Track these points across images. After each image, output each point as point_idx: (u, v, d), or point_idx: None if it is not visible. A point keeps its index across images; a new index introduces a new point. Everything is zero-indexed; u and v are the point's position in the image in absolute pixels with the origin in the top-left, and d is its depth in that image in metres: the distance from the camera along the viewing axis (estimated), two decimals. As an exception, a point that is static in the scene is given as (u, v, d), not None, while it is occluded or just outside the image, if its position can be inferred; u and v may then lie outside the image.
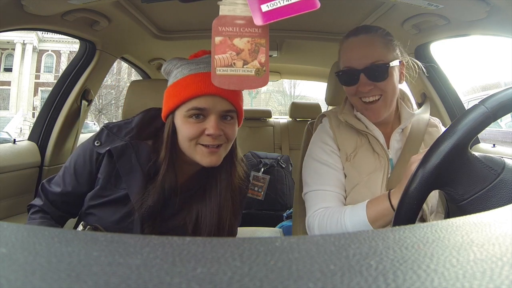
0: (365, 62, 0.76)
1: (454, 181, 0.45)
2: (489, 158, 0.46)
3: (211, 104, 0.66)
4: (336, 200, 0.79)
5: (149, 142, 0.73)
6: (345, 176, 0.82)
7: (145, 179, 0.70)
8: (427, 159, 0.44)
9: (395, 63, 0.78)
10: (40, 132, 1.37)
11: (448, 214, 0.49)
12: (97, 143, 0.72)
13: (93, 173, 0.73)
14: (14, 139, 1.30)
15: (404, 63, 0.83)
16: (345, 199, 0.81)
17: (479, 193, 0.44)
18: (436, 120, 0.90)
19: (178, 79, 0.68)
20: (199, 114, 0.66)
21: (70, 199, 0.75)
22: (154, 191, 0.69)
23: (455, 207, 0.46)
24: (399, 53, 0.81)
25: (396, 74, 0.79)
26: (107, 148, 0.70)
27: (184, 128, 0.67)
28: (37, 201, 0.77)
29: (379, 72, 0.76)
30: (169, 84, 0.71)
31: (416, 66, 0.87)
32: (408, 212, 0.46)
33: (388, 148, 0.84)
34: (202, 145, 0.67)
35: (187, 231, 0.73)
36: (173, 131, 0.70)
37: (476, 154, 0.46)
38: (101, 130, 0.74)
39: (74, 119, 1.44)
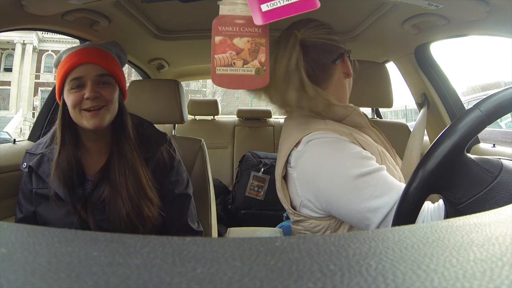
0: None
1: (451, 185, 0.45)
2: (486, 160, 0.46)
3: (84, 72, 0.76)
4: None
5: None
6: None
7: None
8: (424, 163, 0.44)
9: None
10: (40, 132, 1.37)
11: (447, 217, 0.49)
12: (24, 166, 0.83)
13: (31, 190, 0.83)
14: (14, 139, 1.30)
15: None
16: None
17: (476, 196, 0.44)
18: None
19: (61, 62, 0.79)
20: (79, 84, 0.76)
21: (31, 223, 0.83)
22: (52, 168, 0.77)
23: (453, 211, 0.46)
24: None
25: None
26: (28, 165, 0.81)
27: (69, 99, 0.76)
28: None
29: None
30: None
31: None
32: (408, 213, 0.46)
33: None
34: (85, 110, 0.76)
35: (110, 215, 0.78)
36: (66, 108, 0.79)
37: (473, 157, 0.46)
38: (25, 155, 0.86)
39: (74, 119, 1.44)
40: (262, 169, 1.90)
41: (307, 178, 0.68)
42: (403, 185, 0.58)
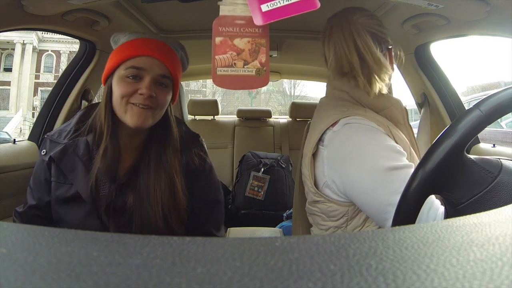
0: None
1: (451, 185, 0.45)
2: (486, 160, 0.46)
3: (148, 65, 0.69)
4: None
5: (89, 137, 0.74)
6: None
7: (88, 171, 0.71)
8: (424, 163, 0.44)
9: None
10: (40, 132, 1.37)
11: (447, 217, 0.49)
12: (43, 152, 0.76)
13: (48, 180, 0.75)
14: (14, 139, 1.30)
15: None
16: None
17: (476, 197, 0.44)
18: None
19: (123, 42, 0.73)
20: (136, 76, 0.69)
21: (40, 212, 0.77)
22: (97, 159, 0.71)
23: (453, 211, 0.46)
24: None
25: None
26: (49, 155, 0.73)
27: (119, 86, 0.69)
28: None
29: None
30: (113, 49, 0.76)
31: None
32: (408, 213, 0.46)
33: None
34: (133, 104, 0.69)
35: (134, 222, 0.72)
36: (111, 94, 0.72)
37: (473, 157, 0.46)
38: (44, 140, 0.78)
39: (74, 119, 1.44)
40: (262, 169, 1.91)
41: (337, 159, 0.69)
42: None
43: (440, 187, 0.45)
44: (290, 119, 2.47)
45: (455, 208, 0.46)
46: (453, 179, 0.45)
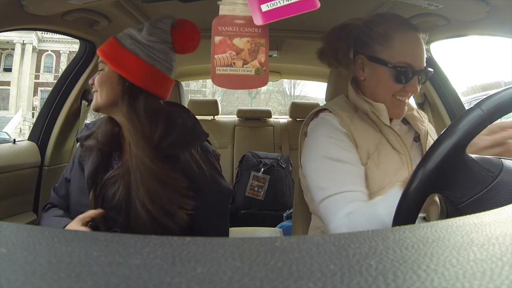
0: (422, 64, 0.75)
1: (451, 184, 0.45)
2: (487, 160, 0.46)
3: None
4: (363, 201, 0.68)
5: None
6: (367, 177, 0.73)
7: (100, 160, 0.78)
8: (425, 162, 0.44)
9: None
10: (40, 132, 1.37)
11: (447, 216, 0.49)
12: (79, 136, 0.85)
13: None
14: (14, 139, 1.30)
15: None
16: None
17: (476, 196, 0.44)
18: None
19: None
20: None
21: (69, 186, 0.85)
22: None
23: (454, 211, 0.46)
24: None
25: None
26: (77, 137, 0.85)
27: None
28: (50, 199, 0.88)
29: (425, 77, 0.76)
30: None
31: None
32: (408, 212, 0.46)
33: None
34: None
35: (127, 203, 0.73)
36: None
37: (473, 156, 0.46)
38: (84, 127, 0.90)
39: (74, 119, 1.44)
40: (262, 169, 1.91)
41: (305, 146, 0.80)
42: (356, 186, 0.70)
43: (440, 186, 0.45)
44: (290, 119, 2.47)
45: (455, 207, 0.46)
46: (454, 178, 0.45)
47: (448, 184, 0.45)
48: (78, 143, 0.85)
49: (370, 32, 0.77)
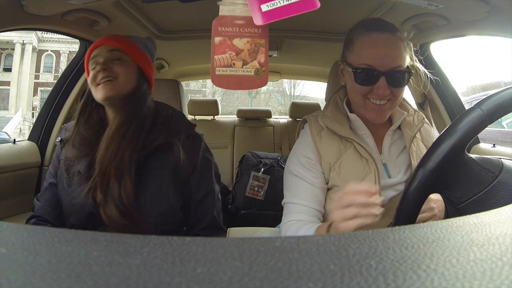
0: (388, 65, 0.71)
1: (451, 184, 0.45)
2: (487, 160, 0.46)
3: (98, 52, 0.83)
4: (309, 214, 0.80)
5: None
6: (330, 188, 0.79)
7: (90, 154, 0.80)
8: (425, 162, 0.44)
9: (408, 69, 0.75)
10: (40, 132, 1.37)
11: (447, 216, 0.49)
12: (57, 140, 0.88)
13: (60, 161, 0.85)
14: (14, 139, 1.30)
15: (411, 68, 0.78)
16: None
17: (477, 196, 0.44)
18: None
19: None
20: (96, 63, 0.82)
21: (57, 191, 0.83)
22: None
23: (454, 210, 0.46)
24: (409, 58, 0.77)
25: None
26: (61, 139, 0.86)
27: (89, 78, 0.84)
28: (34, 211, 0.85)
29: (399, 79, 0.73)
30: None
31: (424, 75, 0.84)
32: (408, 212, 0.46)
33: (381, 153, 0.80)
34: (98, 84, 0.80)
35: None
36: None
37: (473, 156, 0.46)
38: (60, 130, 0.92)
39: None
40: (262, 169, 1.90)
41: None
42: (305, 201, 0.80)
43: (440, 186, 0.45)
44: (290, 119, 2.47)
45: (455, 207, 0.46)
46: (454, 178, 0.45)
47: (448, 184, 0.45)
48: (59, 145, 0.86)
49: (345, 39, 0.80)
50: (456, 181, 0.45)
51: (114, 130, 0.78)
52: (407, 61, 0.75)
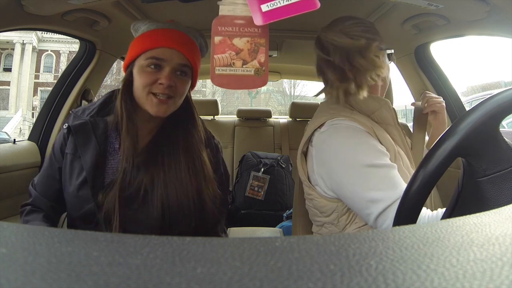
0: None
1: (480, 153, 0.44)
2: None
3: (168, 56, 0.72)
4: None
5: (110, 117, 0.78)
6: None
7: (99, 151, 0.74)
8: (460, 123, 0.44)
9: None
10: (40, 132, 1.37)
11: (459, 194, 0.48)
12: (65, 126, 0.78)
13: (63, 151, 0.78)
14: (14, 139, 1.30)
15: None
16: None
17: (501, 172, 0.43)
18: None
19: (144, 32, 0.76)
20: (157, 64, 0.72)
21: (55, 183, 0.78)
22: (122, 144, 0.73)
23: (471, 184, 0.45)
24: None
25: None
26: (68, 125, 0.77)
27: (141, 76, 0.72)
28: (29, 200, 0.81)
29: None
30: (134, 38, 0.78)
31: None
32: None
33: None
34: (153, 94, 0.72)
35: (151, 203, 0.72)
36: (131, 81, 0.75)
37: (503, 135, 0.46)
38: (69, 114, 0.82)
39: (74, 119, 1.44)
40: (262, 169, 1.90)
41: (323, 157, 0.74)
42: (398, 189, 0.64)
43: (469, 151, 0.45)
44: (290, 119, 2.47)
45: (475, 180, 0.45)
46: (484, 147, 0.44)
47: (476, 151, 0.44)
48: (65, 131, 0.77)
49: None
50: (484, 151, 0.44)
51: (178, 136, 0.76)
52: None
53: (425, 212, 0.65)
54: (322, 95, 0.87)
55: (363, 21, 0.81)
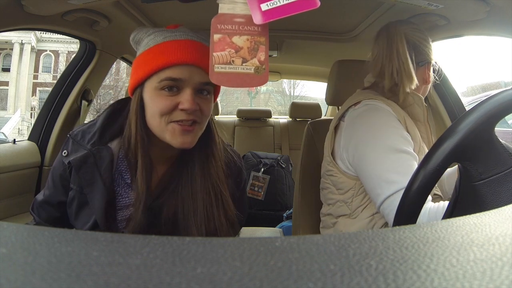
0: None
1: (476, 157, 0.44)
2: (509, 145, 0.46)
3: (187, 75, 0.58)
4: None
5: (114, 142, 0.66)
6: None
7: (106, 190, 0.62)
8: (456, 126, 0.44)
9: None
10: (40, 132, 1.37)
11: (457, 199, 0.48)
12: (64, 153, 0.66)
13: (68, 181, 0.67)
14: (14, 139, 1.30)
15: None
16: None
17: (497, 175, 0.44)
18: None
19: (151, 46, 0.61)
20: (173, 86, 0.58)
21: (56, 209, 0.70)
22: (136, 187, 0.62)
23: (468, 188, 0.45)
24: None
25: None
26: (69, 160, 0.64)
27: (155, 101, 0.59)
28: (32, 223, 0.73)
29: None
30: (138, 53, 0.64)
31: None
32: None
33: None
34: (175, 122, 0.59)
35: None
36: (141, 107, 0.62)
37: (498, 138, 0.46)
38: (67, 139, 0.68)
39: (74, 119, 1.44)
40: (262, 169, 1.91)
41: (352, 132, 0.77)
42: None
43: (465, 156, 0.45)
44: (290, 119, 2.47)
45: (472, 183, 0.45)
46: (479, 151, 0.44)
47: (472, 155, 0.44)
48: (65, 161, 0.65)
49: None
50: (480, 155, 0.44)
51: (200, 164, 0.64)
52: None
53: (427, 204, 0.66)
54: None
55: (423, 29, 0.87)
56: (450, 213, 0.47)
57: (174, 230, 0.64)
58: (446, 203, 0.64)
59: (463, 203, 0.46)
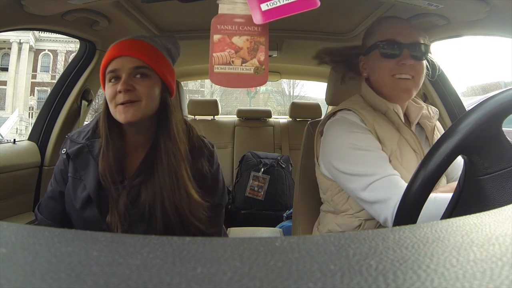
0: (410, 39, 0.78)
1: (483, 150, 0.44)
2: None
3: (120, 64, 0.73)
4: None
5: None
6: None
7: (98, 170, 0.75)
8: (462, 120, 0.44)
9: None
10: (40, 132, 1.37)
11: (460, 193, 0.48)
12: (63, 151, 0.80)
13: (67, 173, 0.80)
14: (14, 139, 1.30)
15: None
16: None
17: (503, 171, 0.43)
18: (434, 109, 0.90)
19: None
20: (116, 77, 0.74)
21: (58, 205, 0.80)
22: (101, 163, 0.74)
23: (472, 183, 0.45)
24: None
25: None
26: (67, 151, 0.79)
27: (106, 92, 0.75)
28: (36, 222, 0.83)
29: (421, 51, 0.78)
30: None
31: (436, 68, 0.87)
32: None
33: None
34: (118, 104, 0.73)
35: (154, 212, 0.74)
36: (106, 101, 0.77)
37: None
38: (65, 139, 0.83)
39: (74, 119, 1.44)
40: (262, 169, 1.91)
41: (324, 140, 0.83)
42: (394, 171, 0.71)
43: (471, 149, 0.45)
44: (290, 119, 2.47)
45: (477, 178, 0.45)
46: (486, 145, 0.44)
47: (479, 149, 0.44)
48: (64, 157, 0.79)
49: (364, 35, 0.87)
50: (487, 148, 0.44)
51: (160, 152, 0.75)
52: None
53: (433, 195, 0.64)
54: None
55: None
56: (453, 208, 0.47)
57: (154, 207, 0.74)
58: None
59: (467, 198, 0.46)
